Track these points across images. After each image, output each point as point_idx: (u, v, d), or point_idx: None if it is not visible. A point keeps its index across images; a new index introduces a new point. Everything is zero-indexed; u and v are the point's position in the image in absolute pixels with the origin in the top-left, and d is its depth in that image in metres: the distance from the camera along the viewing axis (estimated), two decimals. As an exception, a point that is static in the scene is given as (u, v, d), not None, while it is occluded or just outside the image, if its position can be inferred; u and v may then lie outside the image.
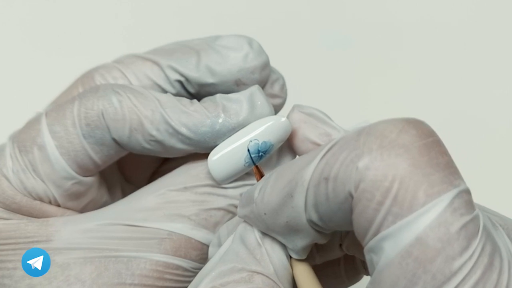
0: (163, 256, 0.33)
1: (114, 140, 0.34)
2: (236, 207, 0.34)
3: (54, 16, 0.56)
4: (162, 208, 0.34)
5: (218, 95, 0.35)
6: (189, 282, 0.34)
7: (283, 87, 0.38)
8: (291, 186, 0.28)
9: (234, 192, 0.35)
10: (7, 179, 0.34)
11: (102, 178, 0.37)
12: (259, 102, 0.35)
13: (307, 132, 0.33)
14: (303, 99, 0.39)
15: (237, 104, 0.34)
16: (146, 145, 0.34)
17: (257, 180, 0.34)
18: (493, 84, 0.56)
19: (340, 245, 0.33)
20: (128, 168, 0.37)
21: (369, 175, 0.26)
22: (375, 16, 0.57)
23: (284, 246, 0.30)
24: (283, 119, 0.34)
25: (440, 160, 0.26)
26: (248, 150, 0.34)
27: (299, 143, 0.34)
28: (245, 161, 0.34)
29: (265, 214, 0.29)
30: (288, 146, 0.35)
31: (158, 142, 0.34)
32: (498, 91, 0.55)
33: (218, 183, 0.34)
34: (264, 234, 0.30)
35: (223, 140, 0.34)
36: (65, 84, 0.38)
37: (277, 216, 0.29)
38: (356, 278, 0.36)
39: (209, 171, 0.34)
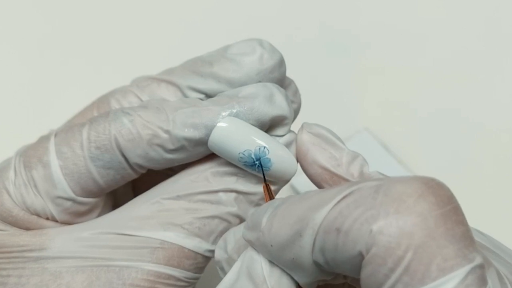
0: (154, 265, 0.33)
1: (135, 164, 0.34)
2: (231, 214, 0.34)
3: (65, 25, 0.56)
4: (155, 216, 0.34)
5: (230, 90, 0.35)
6: (182, 292, 0.34)
7: (296, 91, 0.38)
8: (301, 225, 0.28)
9: (227, 199, 0.34)
10: (8, 192, 0.34)
11: (113, 199, 0.37)
12: (274, 88, 0.34)
13: (315, 155, 0.33)
14: (302, 105, 0.39)
15: (249, 92, 0.34)
16: (168, 155, 0.34)
17: (265, 200, 0.33)
18: (491, 87, 0.55)
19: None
20: (143, 191, 0.37)
21: (382, 240, 0.25)
22: (373, 21, 0.57)
23: (292, 278, 0.30)
24: (296, 167, 0.34)
25: (456, 231, 0.26)
26: (254, 149, 0.33)
27: (307, 166, 0.33)
28: (242, 152, 0.33)
29: (271, 246, 0.29)
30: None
31: (178, 149, 0.34)
32: (496, 93, 0.55)
33: (208, 142, 0.34)
34: (272, 264, 0.29)
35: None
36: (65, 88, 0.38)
37: (284, 251, 0.28)
38: None
39: (202, 179, 0.34)
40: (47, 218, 0.35)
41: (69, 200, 0.34)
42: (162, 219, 0.34)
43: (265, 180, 0.34)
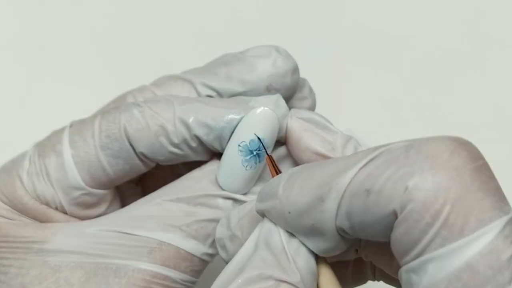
0: (151, 265, 0.33)
1: (141, 154, 0.34)
2: None
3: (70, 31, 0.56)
4: (155, 217, 0.34)
5: (243, 96, 0.35)
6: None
7: (311, 89, 0.39)
8: (323, 190, 0.27)
9: (225, 205, 0.34)
10: (21, 179, 0.35)
11: (121, 199, 0.37)
12: (282, 104, 0.34)
13: (309, 141, 0.33)
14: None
15: (261, 103, 0.34)
16: (172, 149, 0.34)
17: (271, 174, 0.33)
18: (475, 87, 0.55)
19: (356, 250, 0.32)
20: (151, 191, 0.37)
21: (419, 196, 0.25)
22: (355, 23, 0.57)
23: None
24: (259, 110, 0.33)
25: (490, 185, 0.26)
26: (241, 154, 0.34)
27: (300, 153, 0.34)
28: (245, 166, 0.34)
29: (289, 213, 0.28)
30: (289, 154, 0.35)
31: (181, 143, 0.34)
32: (479, 93, 0.55)
33: (240, 193, 0.35)
34: (291, 235, 0.29)
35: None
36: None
37: (303, 217, 0.28)
38: (361, 282, 0.35)
39: (203, 184, 0.34)
40: (56, 208, 0.35)
41: (78, 189, 0.35)
42: (161, 220, 0.34)
43: (267, 153, 0.33)
